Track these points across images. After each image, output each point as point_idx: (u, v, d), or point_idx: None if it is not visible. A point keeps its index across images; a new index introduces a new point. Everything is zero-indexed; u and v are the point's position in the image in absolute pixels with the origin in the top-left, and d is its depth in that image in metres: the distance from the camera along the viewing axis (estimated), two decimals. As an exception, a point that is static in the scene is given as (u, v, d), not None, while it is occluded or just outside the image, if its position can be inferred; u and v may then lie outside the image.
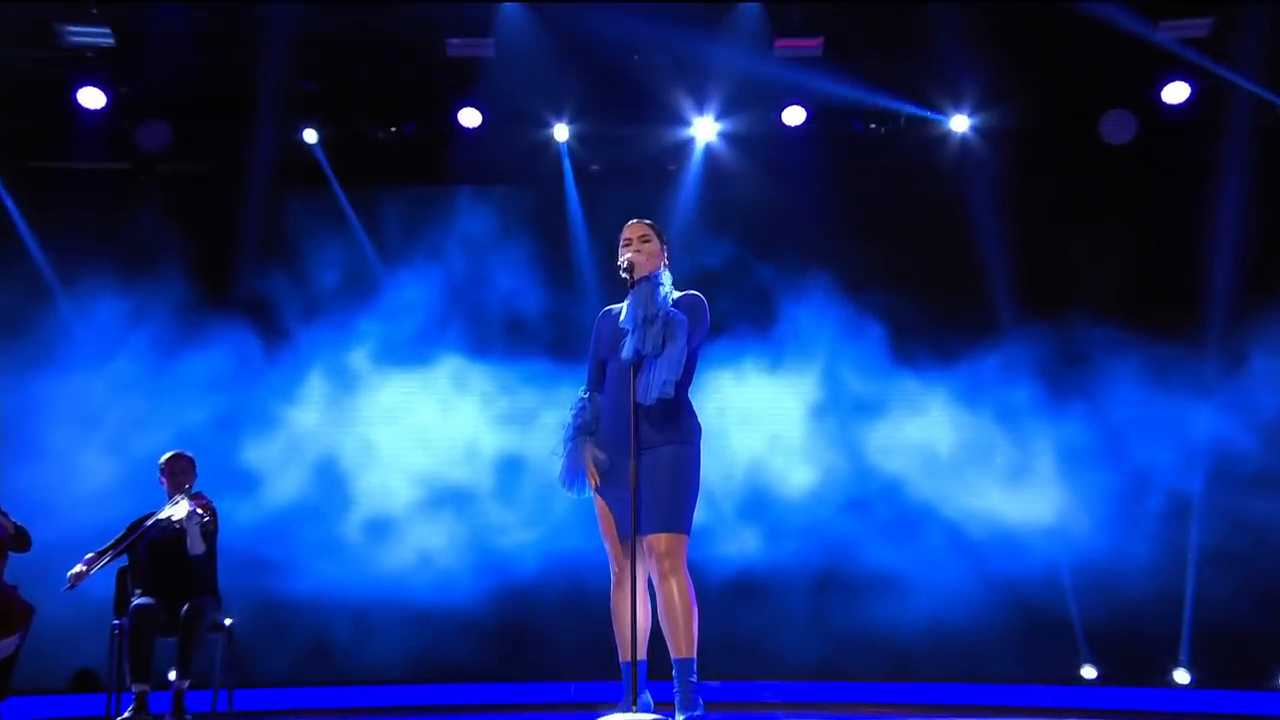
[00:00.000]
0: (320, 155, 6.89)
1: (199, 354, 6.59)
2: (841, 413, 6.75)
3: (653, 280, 3.68)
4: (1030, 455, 6.62)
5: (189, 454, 5.21)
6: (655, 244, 3.79)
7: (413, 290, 6.82)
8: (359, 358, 6.79)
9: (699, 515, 3.73)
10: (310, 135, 6.79)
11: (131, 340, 6.57)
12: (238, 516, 6.04)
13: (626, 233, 3.82)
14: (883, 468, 6.69)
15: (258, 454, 6.57)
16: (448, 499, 6.70)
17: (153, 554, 4.97)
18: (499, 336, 6.84)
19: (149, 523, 4.93)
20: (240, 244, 6.75)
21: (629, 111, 6.80)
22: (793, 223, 6.91)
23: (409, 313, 6.81)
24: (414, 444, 6.78)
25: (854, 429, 6.73)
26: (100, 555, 4.91)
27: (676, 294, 3.76)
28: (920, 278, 6.76)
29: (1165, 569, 6.40)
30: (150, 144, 6.72)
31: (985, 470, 6.60)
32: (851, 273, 6.75)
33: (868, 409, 6.75)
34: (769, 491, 6.69)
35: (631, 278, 3.65)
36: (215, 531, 5.02)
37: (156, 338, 6.57)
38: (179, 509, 4.90)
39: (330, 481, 6.68)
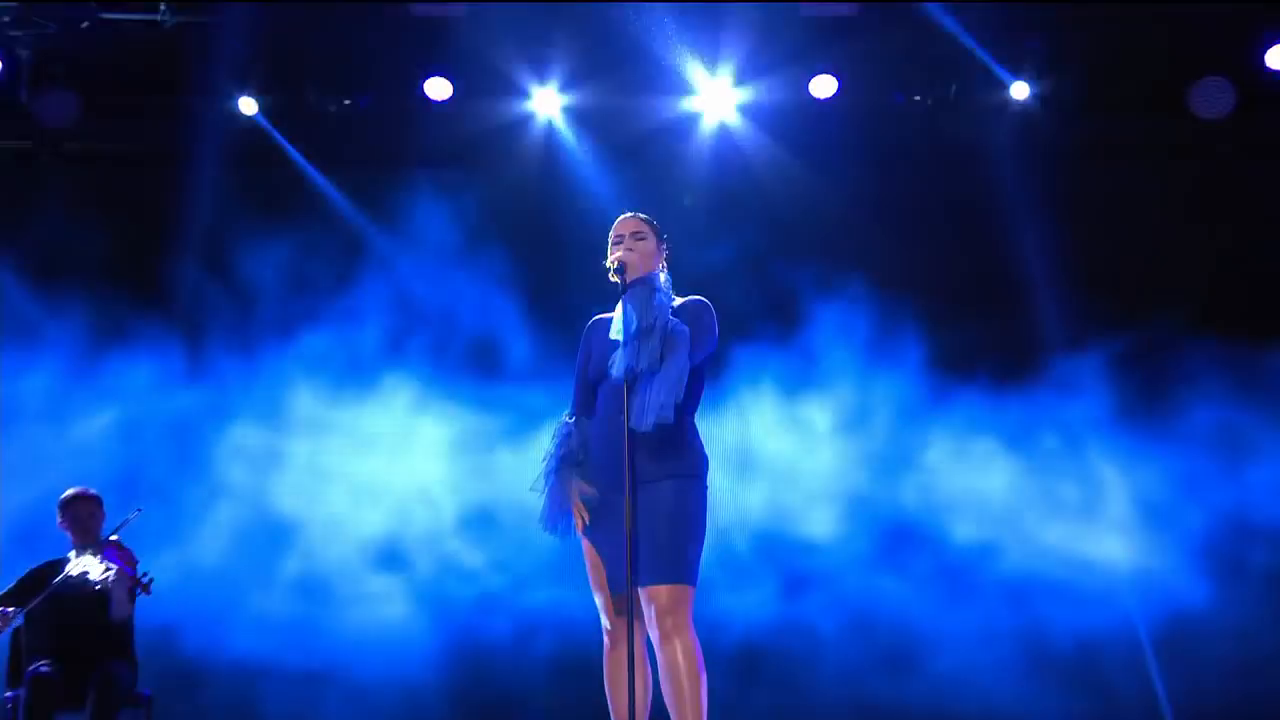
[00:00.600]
0: (269, 129, 6.90)
1: (115, 369, 6.64)
2: (875, 439, 6.79)
3: (648, 283, 3.72)
4: (1101, 493, 6.65)
5: (94, 492, 5.22)
6: (651, 241, 3.84)
7: (366, 297, 6.87)
8: (301, 378, 6.83)
9: (705, 563, 3.77)
10: (248, 105, 6.84)
11: (33, 354, 6.61)
12: (151, 567, 6.01)
13: (618, 228, 3.86)
14: (923, 507, 6.73)
15: (178, 491, 6.60)
16: (403, 547, 6.74)
17: (58, 613, 4.93)
18: (468, 353, 6.87)
19: (56, 579, 4.94)
20: (164, 238, 6.80)
21: (627, 80, 6.86)
22: (819, 213, 6.97)
23: (361, 324, 6.86)
24: (365, 482, 6.80)
25: (889, 459, 6.77)
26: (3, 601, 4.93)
27: (678, 300, 3.82)
28: (970, 278, 6.82)
29: (1272, 630, 6.43)
30: (53, 118, 6.78)
31: (1047, 511, 6.64)
32: (888, 272, 6.79)
33: (906, 435, 6.79)
34: (789, 535, 6.72)
35: (623, 281, 3.70)
36: (139, 591, 5.02)
37: (63, 351, 6.62)
38: (98, 565, 4.91)
39: (264, 525, 6.69)
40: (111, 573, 4.87)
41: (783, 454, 6.82)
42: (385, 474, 6.82)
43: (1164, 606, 6.53)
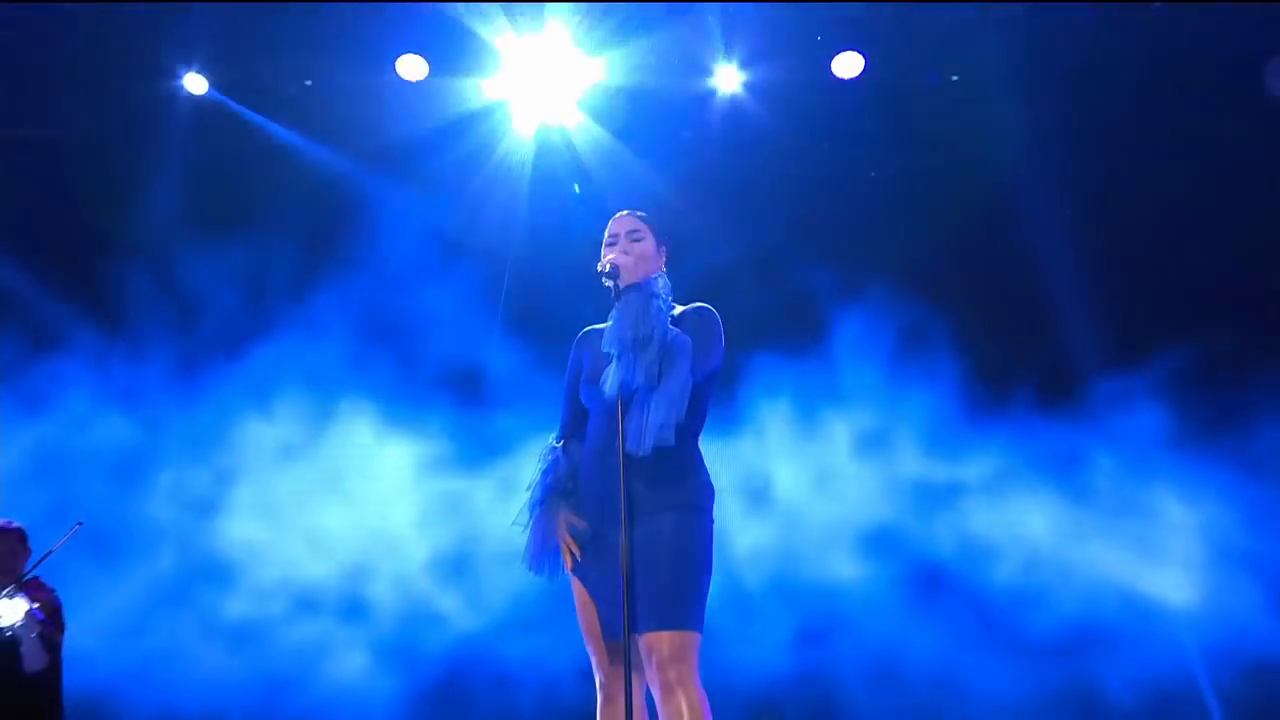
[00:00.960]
0: (228, 107, 6.92)
1: (42, 385, 6.64)
2: (903, 468, 6.79)
3: (646, 289, 3.72)
4: (1162, 527, 6.64)
5: (18, 525, 5.23)
6: (649, 242, 3.83)
7: (322, 309, 6.86)
8: (249, 396, 6.82)
9: (712, 606, 3.75)
10: (196, 84, 6.83)
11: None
12: (77, 613, 5.97)
13: (612, 227, 3.86)
14: (958, 544, 6.73)
15: (107, 523, 6.52)
16: (366, 591, 6.72)
17: (-30, 665, 4.95)
18: (441, 369, 6.86)
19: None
20: (97, 235, 6.81)
21: (629, 60, 6.86)
22: (841, 207, 6.98)
23: (316, 340, 6.85)
24: (322, 518, 6.78)
25: (920, 491, 6.77)
26: None
27: (679, 308, 3.81)
28: (1011, 282, 6.81)
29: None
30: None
31: (1100, 549, 6.63)
32: (919, 277, 6.80)
33: (938, 463, 6.78)
34: (806, 574, 6.71)
35: (617, 286, 3.70)
36: (61, 639, 5.03)
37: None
38: (11, 609, 4.91)
39: (206, 564, 6.68)
40: (19, 620, 4.86)
41: (799, 481, 6.82)
42: (346, 508, 6.80)
43: (1236, 655, 6.50)
